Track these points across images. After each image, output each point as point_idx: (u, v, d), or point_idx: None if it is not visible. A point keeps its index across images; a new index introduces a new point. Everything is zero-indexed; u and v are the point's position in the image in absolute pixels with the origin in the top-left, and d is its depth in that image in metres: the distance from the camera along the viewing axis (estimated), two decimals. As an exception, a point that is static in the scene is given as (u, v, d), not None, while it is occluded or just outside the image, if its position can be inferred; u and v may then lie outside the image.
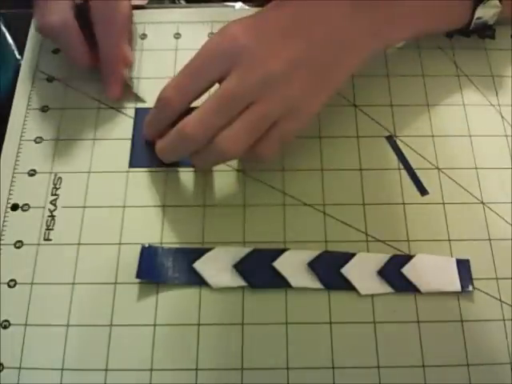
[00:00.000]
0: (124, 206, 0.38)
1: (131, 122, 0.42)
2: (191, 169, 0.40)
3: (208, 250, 0.36)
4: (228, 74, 0.33)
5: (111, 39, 0.40)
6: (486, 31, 0.43)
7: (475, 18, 0.41)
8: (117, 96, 0.42)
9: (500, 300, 0.35)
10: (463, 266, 0.36)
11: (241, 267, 0.36)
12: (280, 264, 0.36)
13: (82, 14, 0.40)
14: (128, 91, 0.42)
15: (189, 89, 0.35)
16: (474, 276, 0.36)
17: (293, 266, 0.36)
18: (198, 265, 0.36)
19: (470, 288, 0.35)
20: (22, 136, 0.41)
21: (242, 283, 0.35)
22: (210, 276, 0.35)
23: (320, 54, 0.35)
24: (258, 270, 0.36)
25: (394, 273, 0.36)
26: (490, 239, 0.37)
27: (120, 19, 0.41)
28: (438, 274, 0.36)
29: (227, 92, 0.33)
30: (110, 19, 0.40)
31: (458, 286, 0.35)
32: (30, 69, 0.44)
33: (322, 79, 0.35)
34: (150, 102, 0.42)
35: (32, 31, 0.46)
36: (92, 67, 0.41)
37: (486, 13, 0.41)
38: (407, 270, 0.36)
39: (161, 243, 0.37)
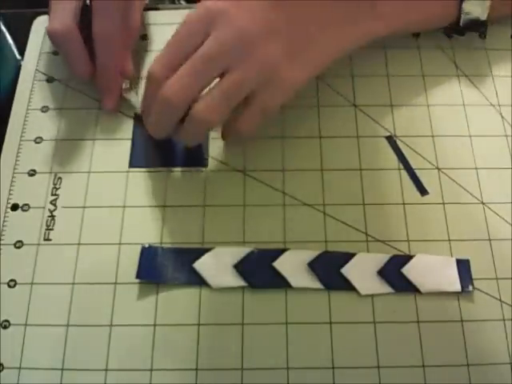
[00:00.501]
0: (124, 206, 0.38)
1: (131, 122, 0.41)
2: (191, 169, 0.40)
3: (208, 250, 0.36)
4: (209, 34, 0.33)
5: (110, 50, 0.39)
6: (479, 28, 0.42)
7: (463, 13, 0.40)
8: (111, 109, 0.41)
9: (500, 300, 0.35)
10: (463, 266, 0.36)
11: (241, 267, 0.36)
12: (280, 264, 0.36)
13: (85, 16, 0.39)
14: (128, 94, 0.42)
15: (174, 62, 0.34)
16: (474, 276, 0.36)
17: (293, 266, 0.36)
18: (198, 265, 0.36)
19: (470, 288, 0.35)
20: (22, 136, 0.41)
21: (242, 283, 0.35)
22: (209, 276, 0.35)
23: (300, 27, 0.35)
24: (258, 270, 0.36)
25: (393, 273, 0.36)
26: (490, 239, 0.37)
27: (124, 27, 0.39)
28: (438, 274, 0.36)
29: (204, 54, 0.33)
30: (111, 27, 0.39)
31: (458, 286, 0.35)
32: (30, 69, 0.44)
33: (305, 50, 0.35)
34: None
35: (32, 31, 0.46)
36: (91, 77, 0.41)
37: (473, 8, 0.40)
38: (407, 270, 0.36)
39: (161, 243, 0.37)
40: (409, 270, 0.36)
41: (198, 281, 0.35)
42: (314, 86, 0.43)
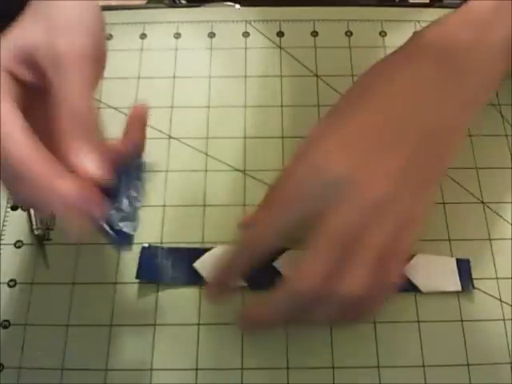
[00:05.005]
0: (124, 206, 0.38)
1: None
2: (191, 169, 0.39)
3: (208, 249, 0.36)
4: (325, 208, 0.29)
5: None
6: None
7: None
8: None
9: (500, 300, 0.35)
10: (463, 266, 0.36)
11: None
12: (280, 263, 0.36)
13: None
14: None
15: (279, 223, 0.30)
16: (474, 276, 0.36)
17: (293, 265, 0.36)
18: (198, 264, 0.36)
19: (470, 288, 0.35)
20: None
21: (242, 283, 0.35)
22: (210, 276, 0.35)
23: (418, 157, 0.30)
24: (259, 270, 0.36)
25: None
26: (490, 239, 0.37)
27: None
28: (438, 274, 0.36)
29: (336, 234, 0.28)
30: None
31: (458, 286, 0.35)
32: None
33: (427, 179, 0.30)
34: (148, 102, 0.42)
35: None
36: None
37: None
38: (407, 270, 0.36)
39: (161, 243, 0.37)
40: (409, 270, 0.36)
41: (198, 281, 0.35)
42: (314, 85, 0.43)
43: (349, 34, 0.45)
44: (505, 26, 0.31)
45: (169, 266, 0.36)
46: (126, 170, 0.29)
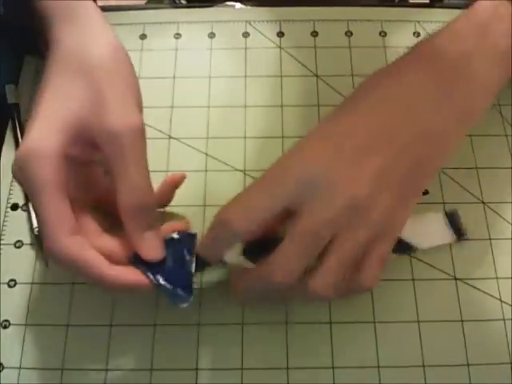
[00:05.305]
0: (124, 206, 0.38)
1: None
2: (190, 170, 0.39)
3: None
4: (302, 204, 0.29)
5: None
6: None
7: None
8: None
9: (500, 300, 0.35)
10: (452, 218, 0.36)
11: (248, 251, 0.34)
12: None
13: None
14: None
15: (254, 209, 0.30)
16: (473, 276, 0.36)
17: None
18: None
19: (464, 236, 0.36)
20: (22, 136, 0.41)
21: (250, 265, 0.34)
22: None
23: (403, 160, 0.30)
24: (265, 254, 0.34)
25: None
26: (490, 239, 0.37)
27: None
28: (431, 230, 0.36)
29: (308, 229, 0.29)
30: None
31: (452, 237, 0.36)
32: (31, 69, 0.44)
33: (410, 185, 0.30)
34: (148, 102, 0.42)
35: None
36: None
37: None
38: (402, 233, 0.35)
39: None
40: (403, 232, 0.34)
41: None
42: (314, 85, 0.43)
43: (349, 34, 0.45)
44: (507, 32, 0.31)
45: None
46: (178, 241, 0.33)
